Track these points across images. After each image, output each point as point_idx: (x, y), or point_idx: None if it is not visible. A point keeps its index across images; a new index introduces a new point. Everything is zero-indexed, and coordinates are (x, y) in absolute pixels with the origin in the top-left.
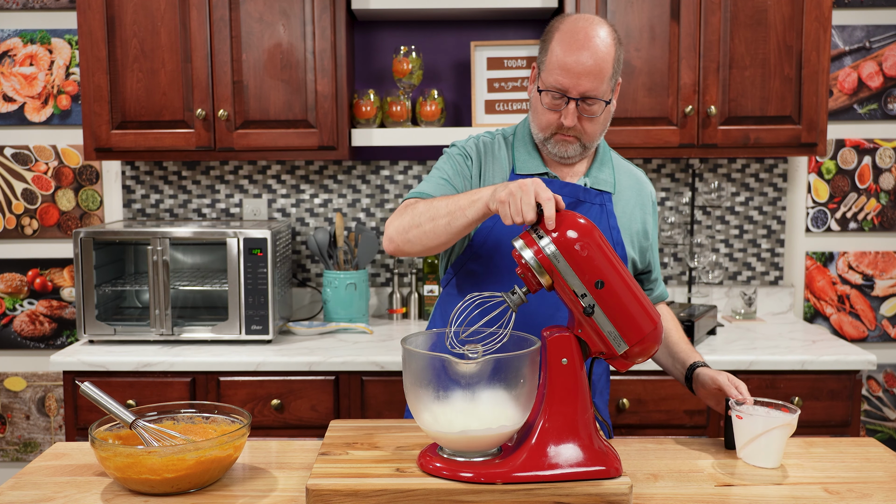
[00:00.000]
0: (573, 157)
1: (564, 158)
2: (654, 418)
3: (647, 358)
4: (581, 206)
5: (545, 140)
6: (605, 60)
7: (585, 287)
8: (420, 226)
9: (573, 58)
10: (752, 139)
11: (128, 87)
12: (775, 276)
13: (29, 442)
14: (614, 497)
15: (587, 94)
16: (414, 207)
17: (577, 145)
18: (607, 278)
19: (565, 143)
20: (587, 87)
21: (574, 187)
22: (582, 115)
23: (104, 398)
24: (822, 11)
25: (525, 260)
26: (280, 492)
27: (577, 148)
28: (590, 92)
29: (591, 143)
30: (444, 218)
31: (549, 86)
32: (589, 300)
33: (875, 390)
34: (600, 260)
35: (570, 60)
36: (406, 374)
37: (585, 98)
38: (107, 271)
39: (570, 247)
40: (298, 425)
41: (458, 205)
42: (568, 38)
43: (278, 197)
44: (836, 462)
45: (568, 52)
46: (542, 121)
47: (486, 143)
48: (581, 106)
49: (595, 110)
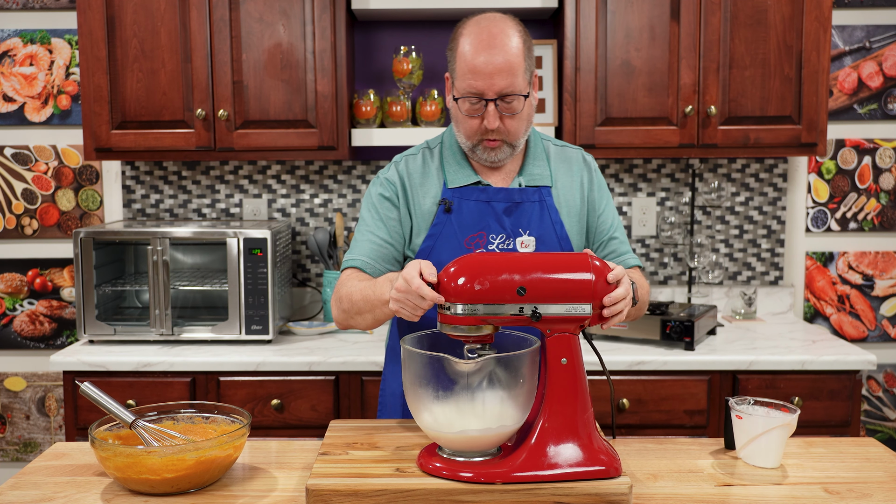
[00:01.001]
0: (503, 160)
1: (495, 163)
2: (654, 418)
3: None
4: (520, 208)
5: (473, 148)
6: (515, 55)
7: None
8: (353, 318)
9: (482, 58)
10: (752, 139)
11: (128, 87)
12: (775, 276)
13: (29, 442)
14: (614, 497)
15: (504, 92)
16: (340, 300)
17: (504, 147)
18: (522, 281)
19: (493, 149)
20: (502, 86)
21: (508, 192)
22: (503, 115)
23: (104, 398)
24: (822, 11)
25: (462, 335)
26: (280, 492)
27: (505, 150)
28: (506, 89)
29: (516, 141)
30: (369, 314)
31: (463, 92)
32: (528, 308)
33: (875, 390)
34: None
35: (480, 62)
36: (406, 374)
37: (503, 97)
38: (107, 271)
39: (471, 293)
40: (298, 425)
41: (372, 303)
42: (473, 39)
43: (278, 197)
44: (836, 462)
45: (476, 53)
46: (466, 129)
47: (410, 168)
48: (500, 105)
49: (515, 107)
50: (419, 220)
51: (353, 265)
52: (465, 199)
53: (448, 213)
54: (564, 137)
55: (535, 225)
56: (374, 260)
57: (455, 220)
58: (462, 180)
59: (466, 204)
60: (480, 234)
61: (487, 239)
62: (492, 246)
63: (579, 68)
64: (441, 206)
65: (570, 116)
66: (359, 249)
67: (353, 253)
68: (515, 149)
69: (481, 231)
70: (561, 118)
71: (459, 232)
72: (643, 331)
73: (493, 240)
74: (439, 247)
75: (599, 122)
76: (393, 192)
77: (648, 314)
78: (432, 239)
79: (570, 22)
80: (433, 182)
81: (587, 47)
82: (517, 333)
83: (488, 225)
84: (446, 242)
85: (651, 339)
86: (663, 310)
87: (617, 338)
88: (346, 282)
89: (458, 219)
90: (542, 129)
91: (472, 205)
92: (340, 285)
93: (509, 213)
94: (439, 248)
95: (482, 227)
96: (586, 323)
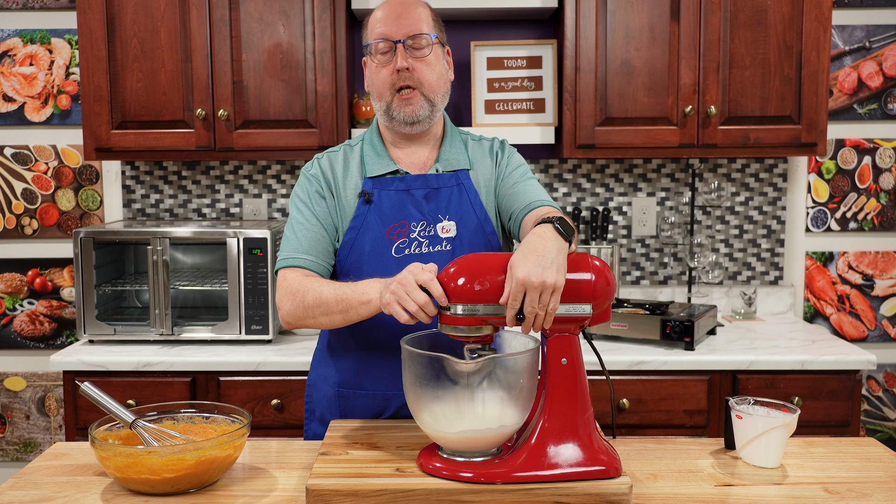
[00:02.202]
0: (421, 118)
1: (413, 123)
2: (654, 418)
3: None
4: (439, 194)
5: (389, 108)
6: (420, 10)
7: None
8: (315, 317)
9: (388, 10)
10: (752, 139)
11: (128, 87)
12: (775, 276)
13: (29, 442)
14: (614, 497)
15: (411, 33)
16: (301, 296)
17: (421, 101)
18: None
19: (408, 101)
20: (410, 28)
21: (426, 178)
22: (413, 59)
23: (104, 398)
24: (822, 11)
25: (462, 335)
26: (280, 492)
27: (422, 104)
28: (413, 31)
29: (433, 94)
30: (338, 315)
31: (374, 38)
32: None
33: (875, 390)
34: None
35: (387, 12)
36: (406, 374)
37: (412, 37)
38: (107, 271)
39: (471, 293)
40: (298, 425)
41: (349, 303)
42: (381, 6)
43: (278, 197)
44: (836, 462)
45: (385, 9)
46: (379, 84)
47: (333, 163)
48: (409, 50)
49: (425, 52)
50: (343, 214)
51: (295, 264)
52: (385, 189)
53: (368, 204)
54: (564, 137)
55: (454, 209)
56: (315, 256)
57: (375, 211)
58: (380, 169)
59: (386, 194)
60: (402, 223)
61: (409, 227)
62: (413, 234)
63: (579, 68)
64: (361, 198)
65: (570, 116)
66: (295, 246)
67: (289, 251)
68: (434, 110)
69: (402, 220)
70: (561, 118)
71: (381, 222)
72: (643, 331)
73: (414, 227)
74: (361, 238)
75: (599, 122)
76: (318, 185)
77: (648, 314)
78: (354, 231)
79: (570, 22)
80: (354, 176)
81: (587, 47)
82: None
83: (409, 213)
84: (368, 233)
85: (651, 339)
86: (663, 310)
87: (617, 338)
88: (302, 280)
89: (379, 209)
90: (543, 129)
91: (391, 195)
92: (295, 283)
93: (428, 199)
94: (361, 240)
95: (403, 216)
96: (586, 323)
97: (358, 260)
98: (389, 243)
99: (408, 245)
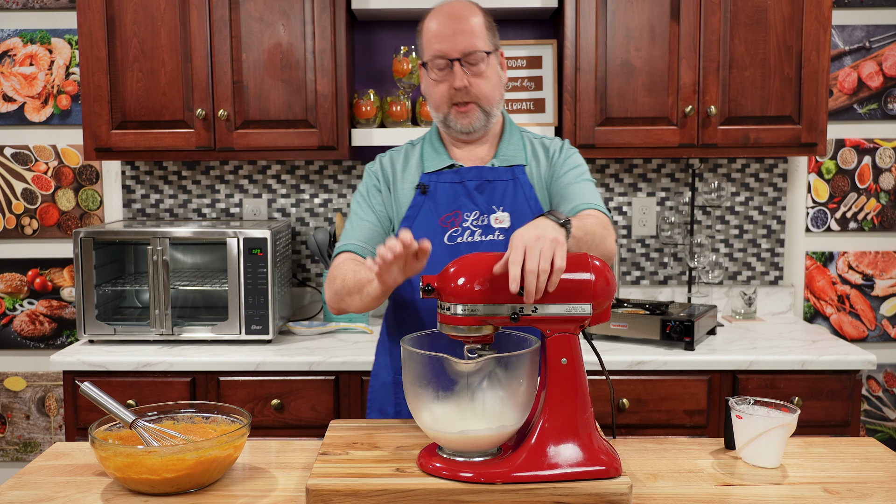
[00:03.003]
0: (478, 129)
1: (470, 133)
2: (654, 418)
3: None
4: (492, 186)
5: (446, 118)
6: (475, 21)
7: (514, 303)
8: (343, 299)
9: (445, 25)
10: (752, 139)
11: (128, 87)
12: (775, 276)
13: (29, 442)
14: (614, 497)
15: (467, 51)
16: (332, 280)
17: (478, 113)
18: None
19: (465, 114)
20: (465, 45)
21: (479, 170)
22: (469, 75)
23: (104, 398)
24: (822, 11)
25: (462, 335)
26: (280, 492)
27: (479, 116)
28: (469, 48)
29: (489, 106)
30: (356, 295)
31: (430, 57)
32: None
33: (875, 390)
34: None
35: (443, 28)
36: (406, 374)
37: (467, 55)
38: (107, 271)
39: (471, 293)
40: (298, 425)
41: (360, 283)
42: (437, 14)
43: (278, 197)
44: (836, 462)
45: (439, 23)
46: (436, 97)
47: (394, 160)
48: (466, 66)
49: (481, 68)
50: (399, 206)
51: (345, 249)
52: (440, 181)
53: (424, 195)
54: (564, 137)
55: (508, 201)
56: (364, 242)
57: (430, 201)
58: (438, 164)
59: (441, 186)
60: (455, 213)
61: (462, 217)
62: (466, 223)
63: (579, 68)
64: (417, 190)
65: (570, 116)
66: (349, 234)
67: (344, 239)
68: (490, 118)
69: (456, 210)
70: (561, 118)
71: (435, 211)
72: (643, 331)
73: (467, 217)
74: (416, 227)
75: (599, 122)
76: (377, 180)
77: (648, 314)
78: (409, 220)
79: (570, 22)
80: (412, 171)
81: (587, 47)
82: (517, 333)
83: (462, 203)
84: (423, 222)
85: (651, 339)
86: (663, 310)
87: (617, 338)
88: (341, 265)
89: (433, 200)
90: (542, 130)
91: (445, 186)
92: (334, 268)
93: (481, 190)
94: (416, 228)
95: (457, 206)
96: (586, 323)
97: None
98: (442, 231)
99: (460, 234)
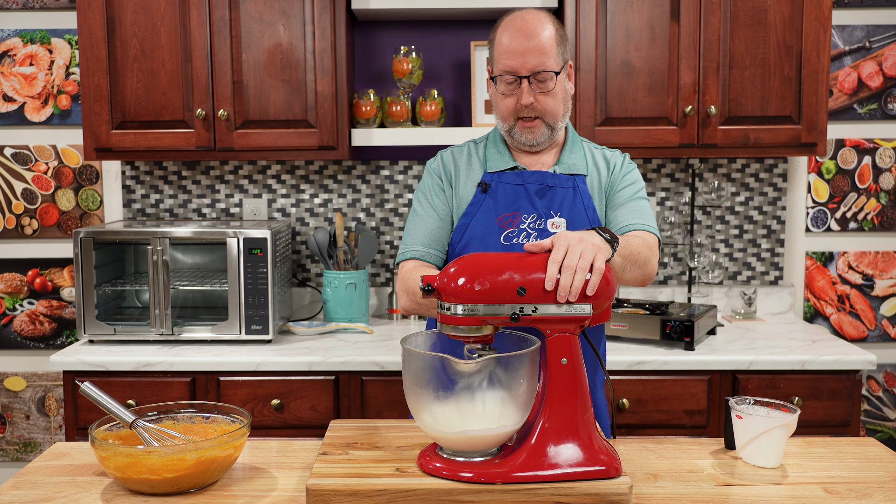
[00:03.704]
0: (541, 142)
1: (534, 146)
2: (654, 418)
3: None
4: (552, 192)
5: (510, 130)
6: (547, 38)
7: (514, 303)
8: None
9: (516, 41)
10: (752, 139)
11: (128, 87)
12: (775, 276)
13: (29, 442)
14: (614, 497)
15: (536, 70)
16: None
17: (542, 128)
18: (523, 281)
19: (530, 129)
20: (535, 63)
21: (542, 175)
22: (537, 92)
23: (104, 398)
24: (822, 11)
25: (462, 335)
26: (280, 492)
27: (543, 131)
28: (538, 67)
29: (554, 121)
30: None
31: (499, 72)
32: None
33: (875, 390)
34: (502, 274)
35: (514, 44)
36: (406, 374)
37: (536, 74)
38: (107, 271)
39: (471, 293)
40: (298, 425)
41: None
42: (509, 27)
43: (278, 197)
44: (835, 462)
45: (511, 38)
46: (503, 109)
47: (456, 157)
48: (534, 83)
49: (548, 85)
50: (460, 202)
51: (411, 256)
52: (502, 182)
53: (485, 194)
54: None
55: (567, 208)
56: (427, 246)
57: (491, 200)
58: (501, 165)
59: (502, 186)
60: (514, 213)
61: (520, 219)
62: (524, 225)
63: (579, 68)
64: (479, 188)
65: (571, 116)
66: (413, 237)
67: (408, 242)
68: (554, 132)
69: (514, 211)
70: None
71: (494, 210)
72: (643, 331)
73: (525, 219)
74: (473, 224)
75: (599, 122)
76: (438, 176)
77: (648, 314)
78: (469, 217)
79: (570, 22)
80: (475, 170)
81: (587, 47)
82: (517, 333)
83: (521, 205)
84: (481, 219)
85: (651, 339)
86: (663, 310)
87: (617, 338)
88: (412, 273)
89: (494, 199)
90: None
91: (507, 187)
92: (405, 279)
93: (541, 195)
94: (473, 225)
95: (516, 207)
96: (586, 323)
97: (467, 244)
98: (499, 231)
99: (516, 234)
